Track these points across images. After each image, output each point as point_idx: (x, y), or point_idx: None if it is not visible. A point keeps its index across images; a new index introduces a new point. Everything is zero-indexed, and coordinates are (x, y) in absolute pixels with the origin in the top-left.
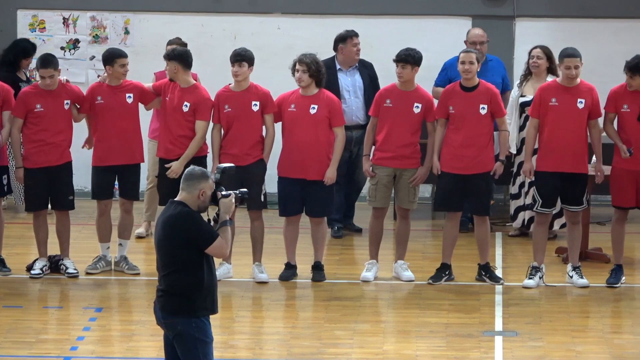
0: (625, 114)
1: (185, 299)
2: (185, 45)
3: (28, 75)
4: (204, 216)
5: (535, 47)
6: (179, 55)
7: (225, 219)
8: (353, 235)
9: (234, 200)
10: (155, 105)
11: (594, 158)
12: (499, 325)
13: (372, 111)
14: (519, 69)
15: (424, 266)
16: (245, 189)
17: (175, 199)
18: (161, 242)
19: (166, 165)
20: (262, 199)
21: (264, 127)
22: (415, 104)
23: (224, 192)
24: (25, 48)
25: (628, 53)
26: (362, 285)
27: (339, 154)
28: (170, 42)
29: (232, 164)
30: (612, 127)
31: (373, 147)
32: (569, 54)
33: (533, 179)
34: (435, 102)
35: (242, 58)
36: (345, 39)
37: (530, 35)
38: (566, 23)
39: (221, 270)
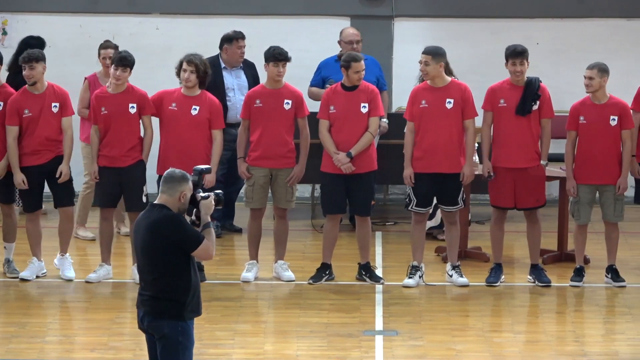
0: (503, 109)
1: (175, 302)
2: (116, 47)
3: None
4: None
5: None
6: None
7: (207, 220)
8: (233, 236)
9: (213, 202)
10: None
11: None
12: (379, 325)
13: (243, 113)
14: (397, 69)
15: (304, 266)
16: (220, 191)
17: (156, 202)
18: (147, 246)
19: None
20: (144, 200)
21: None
22: (286, 101)
23: (203, 194)
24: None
25: (504, 53)
26: (242, 286)
27: (218, 156)
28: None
29: (209, 166)
30: (488, 130)
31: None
32: (423, 51)
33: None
34: (310, 100)
35: (127, 63)
36: (231, 40)
37: (408, 35)
38: (444, 23)
39: (101, 271)
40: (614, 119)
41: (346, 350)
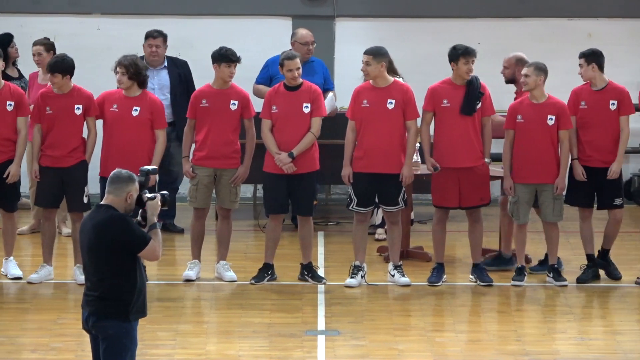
0: (446, 109)
1: (121, 302)
2: (46, 44)
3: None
4: None
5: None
6: None
7: (153, 221)
8: (174, 236)
9: (159, 203)
10: None
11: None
12: (321, 325)
13: (189, 113)
14: (339, 69)
15: (246, 266)
16: (166, 192)
17: (102, 203)
18: (94, 247)
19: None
20: (86, 201)
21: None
22: (232, 102)
23: (149, 195)
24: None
25: (446, 52)
26: (184, 286)
27: (160, 156)
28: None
29: (155, 167)
30: (428, 129)
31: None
32: (364, 51)
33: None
34: (258, 99)
35: (56, 69)
36: (146, 38)
37: (350, 35)
38: (386, 23)
39: (42, 272)
40: (551, 119)
41: (288, 351)
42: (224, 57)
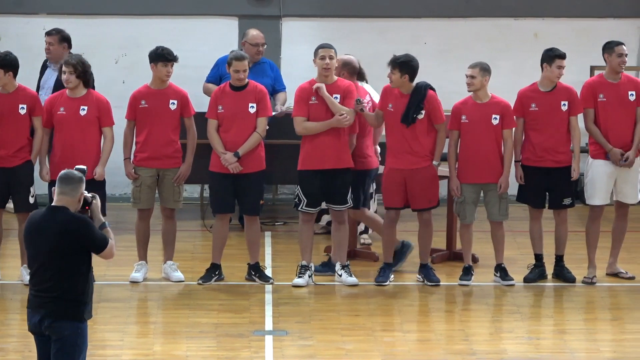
0: (390, 114)
1: (78, 303)
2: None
3: None
4: None
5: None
6: None
7: (102, 220)
8: (121, 236)
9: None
10: None
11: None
12: (269, 325)
13: (128, 114)
14: (286, 69)
15: (193, 266)
16: (94, 193)
17: (56, 204)
18: (56, 249)
19: None
20: (32, 201)
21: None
22: (171, 101)
23: (89, 194)
24: None
25: (394, 52)
26: (131, 287)
27: (109, 153)
28: None
29: (85, 166)
30: (380, 128)
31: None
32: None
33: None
34: (205, 99)
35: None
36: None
37: (297, 35)
38: (332, 23)
39: None
40: (495, 118)
41: (236, 351)
42: (161, 57)
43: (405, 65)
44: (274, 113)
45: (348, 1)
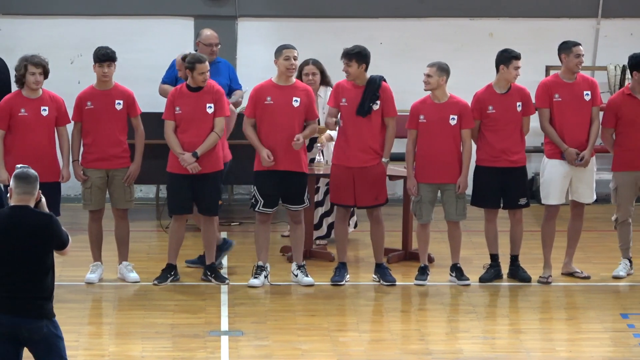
0: (344, 108)
1: (50, 301)
2: None
3: None
4: None
5: (307, 63)
6: None
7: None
8: (77, 237)
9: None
10: None
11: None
12: (224, 325)
13: (74, 116)
14: (241, 69)
15: (149, 267)
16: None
17: (19, 204)
18: (31, 250)
19: None
20: None
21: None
22: (117, 101)
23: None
24: None
25: None
26: (86, 287)
27: (68, 151)
28: None
29: (26, 165)
30: (333, 127)
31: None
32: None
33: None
34: (161, 99)
35: None
36: None
37: (252, 35)
38: (288, 23)
39: None
40: (453, 118)
41: (192, 351)
42: (96, 57)
43: (360, 56)
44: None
45: (304, 1)
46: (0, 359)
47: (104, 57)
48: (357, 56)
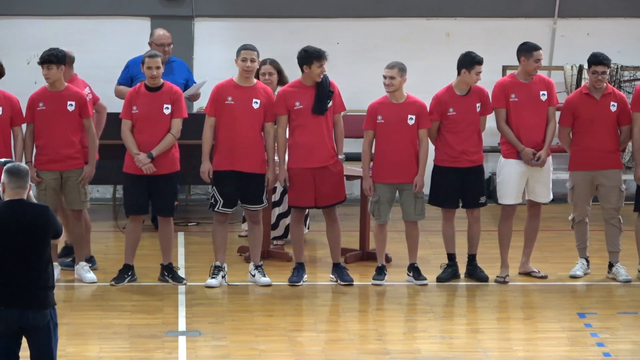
0: (299, 111)
1: (53, 288)
2: None
3: None
4: None
5: (264, 63)
6: None
7: None
8: None
9: None
10: None
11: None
12: (182, 325)
13: (26, 117)
14: (198, 70)
15: (106, 267)
16: None
17: (15, 198)
18: (35, 241)
19: None
20: None
21: None
22: (69, 103)
23: None
24: None
25: None
26: None
27: (21, 152)
28: None
29: (9, 158)
30: (284, 133)
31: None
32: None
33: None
34: (118, 100)
35: None
36: None
37: (209, 35)
38: (244, 23)
39: None
40: (411, 118)
41: (149, 352)
42: (39, 59)
43: (323, 55)
44: (186, 94)
45: (260, 1)
46: (6, 352)
47: (43, 59)
48: (321, 56)
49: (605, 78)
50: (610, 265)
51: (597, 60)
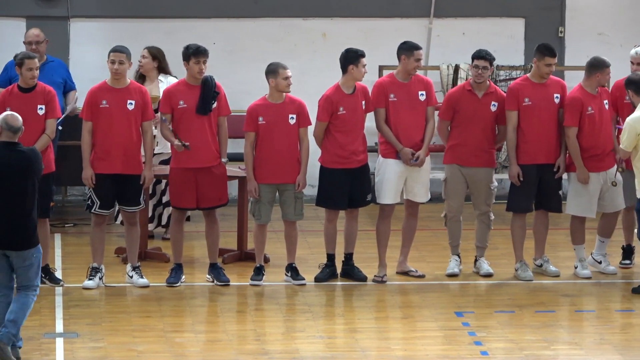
0: (182, 110)
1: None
2: None
3: None
4: None
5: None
6: None
7: None
8: None
9: None
10: None
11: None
12: (59, 327)
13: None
14: (74, 70)
15: None
16: None
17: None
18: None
19: None
20: None
21: None
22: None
23: None
24: None
25: (178, 52)
26: None
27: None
28: None
29: None
30: (168, 131)
31: None
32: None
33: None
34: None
35: None
36: None
37: (85, 35)
38: (119, 23)
39: None
40: (292, 117)
41: (26, 354)
42: None
43: (200, 51)
44: (64, 114)
45: (136, 2)
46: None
47: None
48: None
49: (487, 74)
50: (476, 260)
51: (479, 54)
